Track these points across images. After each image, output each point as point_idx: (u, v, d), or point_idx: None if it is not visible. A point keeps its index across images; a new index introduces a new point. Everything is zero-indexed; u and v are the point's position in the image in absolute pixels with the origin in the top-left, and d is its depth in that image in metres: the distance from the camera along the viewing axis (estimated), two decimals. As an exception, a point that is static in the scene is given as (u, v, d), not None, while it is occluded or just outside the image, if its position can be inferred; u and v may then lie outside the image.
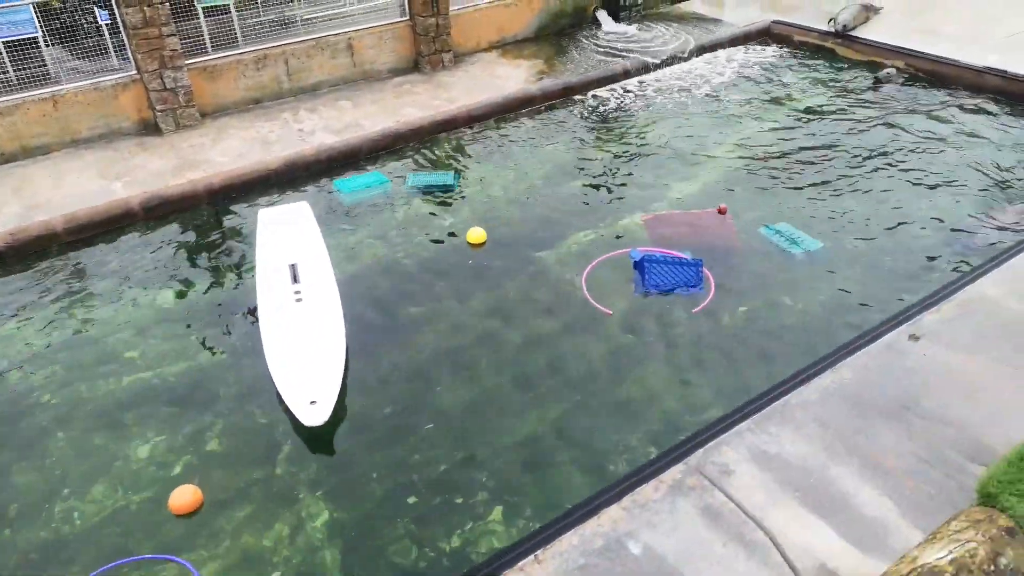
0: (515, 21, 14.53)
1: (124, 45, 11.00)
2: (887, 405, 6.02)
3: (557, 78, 13.13)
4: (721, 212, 9.59)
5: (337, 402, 6.37)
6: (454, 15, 13.69)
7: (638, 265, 8.07)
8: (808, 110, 12.29)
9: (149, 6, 10.56)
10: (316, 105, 12.23)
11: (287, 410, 6.42)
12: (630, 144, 11.59)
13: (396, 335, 7.74)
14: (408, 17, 13.24)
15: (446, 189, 10.45)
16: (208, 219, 9.86)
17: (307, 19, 13.45)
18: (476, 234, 9.00)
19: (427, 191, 10.45)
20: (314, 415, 6.14)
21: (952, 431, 5.74)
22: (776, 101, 12.72)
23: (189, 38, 11.81)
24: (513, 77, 13.16)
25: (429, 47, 13.32)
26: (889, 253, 8.54)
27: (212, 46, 12.00)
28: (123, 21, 10.67)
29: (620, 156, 11.26)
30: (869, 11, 14.78)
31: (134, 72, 11.04)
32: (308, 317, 7.35)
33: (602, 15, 15.43)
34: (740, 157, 10.98)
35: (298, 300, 7.59)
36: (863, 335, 6.87)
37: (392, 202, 10.23)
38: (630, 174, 10.75)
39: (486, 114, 12.21)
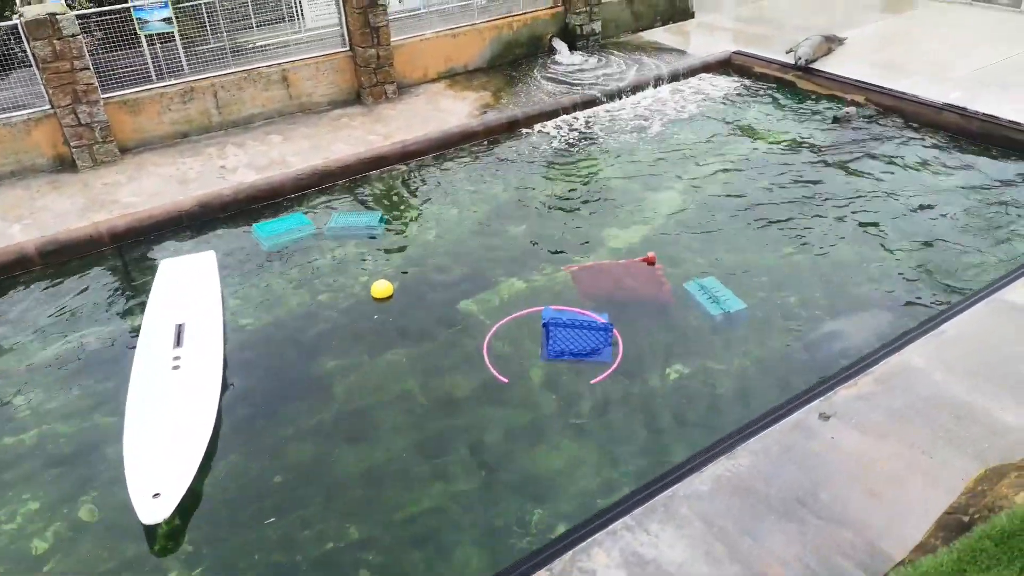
0: (464, 51, 14.07)
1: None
2: (782, 499, 5.45)
3: (502, 111, 12.65)
4: (649, 262, 9.05)
5: (208, 479, 5.85)
6: (398, 45, 13.24)
7: (545, 327, 7.53)
8: (763, 149, 11.74)
9: (59, 39, 10.11)
10: (245, 139, 11.76)
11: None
12: (575, 183, 11.05)
13: (294, 398, 7.23)
14: (348, 48, 12.79)
15: (371, 232, 9.95)
16: (111, 266, 9.36)
17: (256, 47, 13.07)
18: (381, 288, 8.47)
19: (351, 234, 9.95)
20: (154, 511, 5.57)
21: (848, 534, 5.16)
22: (731, 138, 12.18)
23: (132, 68, 11.46)
24: (456, 110, 12.68)
25: (370, 79, 12.86)
26: (818, 316, 7.95)
27: (156, 75, 11.62)
28: (33, 55, 10.22)
29: (564, 196, 10.72)
30: (832, 43, 14.29)
31: (47, 107, 10.60)
32: (179, 390, 6.82)
33: (558, 44, 14.97)
34: (688, 200, 10.44)
35: (175, 368, 7.07)
36: (769, 413, 6.30)
37: (313, 247, 9.72)
38: (572, 217, 10.21)
39: (422, 150, 11.72)
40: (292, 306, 8.62)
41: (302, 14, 13.61)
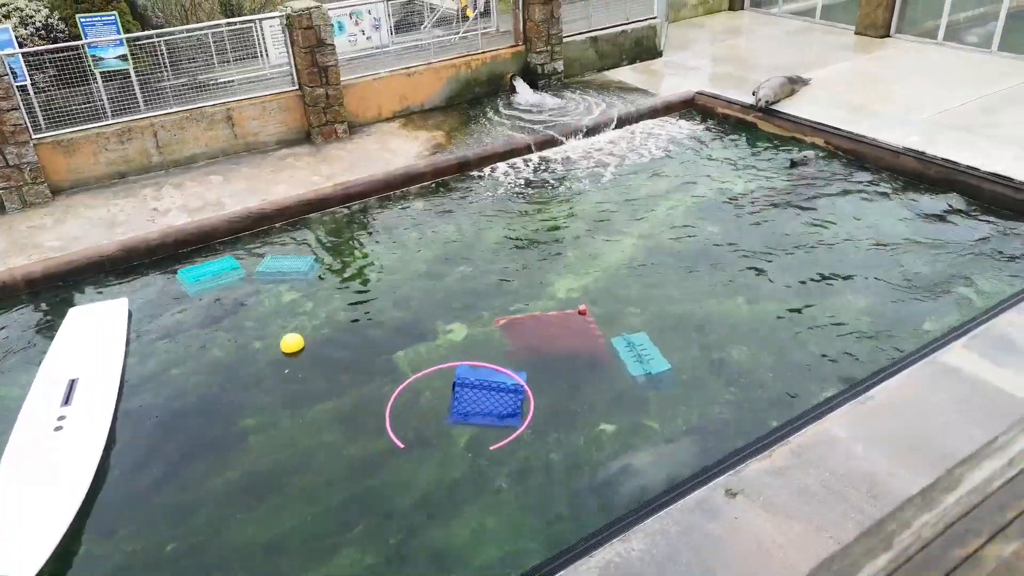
0: (420, 90, 13.85)
1: None
2: (671, 592, 4.99)
3: (452, 152, 12.37)
4: (582, 314, 8.66)
5: (81, 555, 5.43)
6: (350, 84, 13.03)
7: (454, 387, 7.12)
8: (720, 194, 11.37)
9: (-15, 80, 9.91)
10: (185, 180, 11.49)
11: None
12: (525, 228, 10.69)
13: (195, 458, 6.83)
14: (297, 87, 12.58)
15: (303, 277, 9.61)
16: (22, 315, 9.01)
17: (218, 84, 12.90)
18: (291, 342, 8.08)
19: (283, 279, 9.61)
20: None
21: (736, 634, 4.70)
22: (687, 182, 11.82)
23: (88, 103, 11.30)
24: (405, 151, 12.41)
25: (320, 118, 12.62)
26: (751, 377, 7.50)
27: (112, 112, 11.44)
28: (-42, 95, 10.03)
29: (512, 241, 10.36)
30: (795, 84, 14.02)
31: (-25, 147, 10.37)
32: (56, 454, 6.42)
33: (519, 83, 14.75)
34: (639, 247, 10.05)
35: (57, 429, 6.68)
36: (672, 489, 5.85)
37: (240, 293, 9.37)
38: (520, 263, 9.84)
39: (365, 192, 11.42)
40: (206, 357, 8.24)
41: (266, 51, 13.46)
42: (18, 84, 11.27)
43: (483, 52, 14.40)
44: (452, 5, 16.10)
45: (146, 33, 12.81)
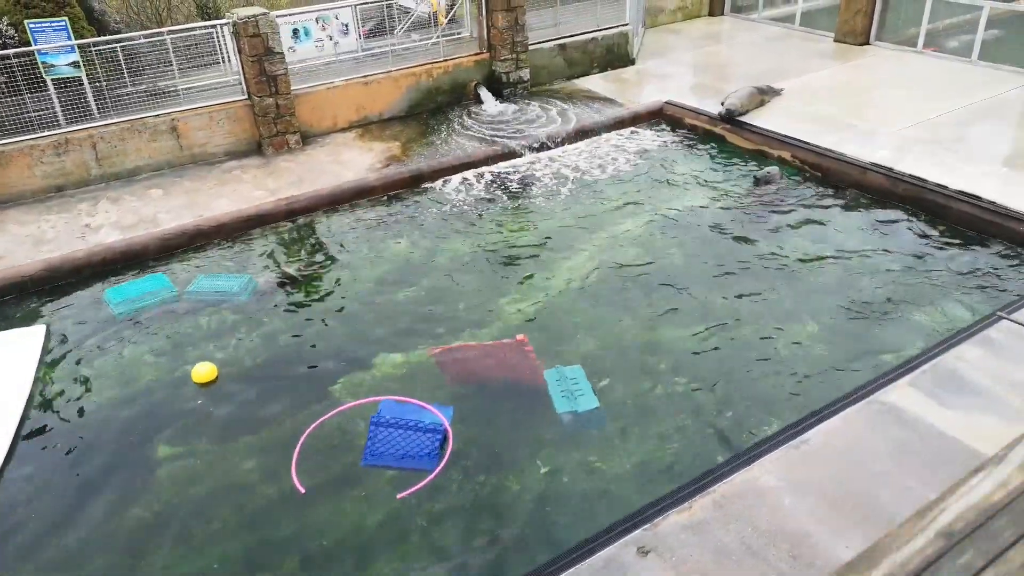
0: (378, 99, 13.43)
1: None
2: (563, 667, 4.57)
3: (406, 165, 11.95)
4: (520, 342, 8.23)
5: None
6: (305, 94, 12.62)
7: (370, 425, 6.70)
8: (682, 209, 10.91)
9: (-95, 91, 9.51)
10: (123, 194, 11.08)
11: None
12: (479, 245, 10.25)
13: (97, 495, 6.44)
14: (247, 96, 12.16)
15: (237, 298, 9.20)
16: (-67, 338, 8.62)
17: (177, 91, 12.51)
18: (203, 372, 7.66)
19: (215, 299, 9.20)
20: None
21: None
22: (650, 197, 11.36)
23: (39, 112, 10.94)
24: (358, 163, 11.99)
25: (270, 129, 12.21)
26: (686, 416, 7.04)
27: (65, 119, 11.07)
28: None
29: (463, 259, 9.94)
30: (765, 94, 13.58)
31: (-102, 161, 9.98)
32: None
33: (483, 92, 14.33)
34: (595, 266, 9.61)
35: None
36: (580, 546, 5.42)
37: (169, 314, 8.96)
38: (471, 283, 9.42)
39: (310, 207, 11.00)
40: (122, 384, 7.83)
41: (228, 58, 13.06)
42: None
43: (445, 60, 13.98)
44: (426, 9, 15.68)
45: (96, 40, 12.39)
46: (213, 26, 11.99)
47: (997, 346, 7.12)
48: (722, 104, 13.12)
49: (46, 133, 10.89)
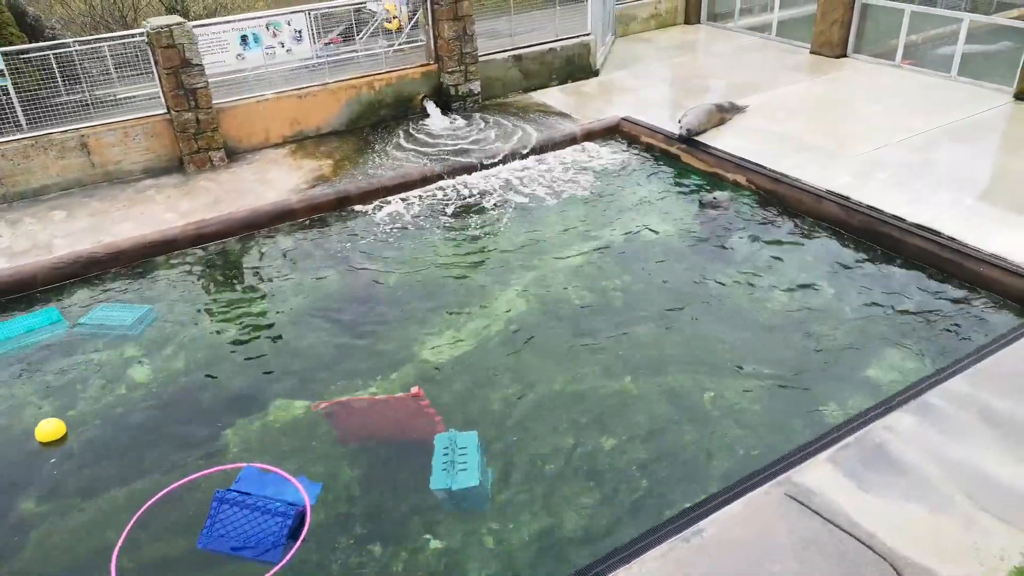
0: (314, 113, 12.67)
1: None
2: None
3: (333, 186, 11.18)
4: (416, 396, 7.44)
5: None
6: (231, 107, 11.88)
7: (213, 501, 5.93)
8: (627, 237, 10.10)
9: None
10: (23, 216, 10.36)
11: None
12: (406, 275, 9.51)
13: None
14: (166, 111, 11.42)
15: (133, 331, 8.47)
16: None
17: (117, 100, 11.83)
18: (48, 429, 6.90)
19: (110, 332, 8.47)
20: None
21: None
22: (596, 223, 10.52)
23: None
24: (282, 183, 11.23)
25: (190, 145, 11.47)
26: (581, 496, 6.26)
27: None
28: None
29: (385, 291, 9.23)
30: (727, 112, 12.75)
31: None
32: None
33: (430, 106, 13.55)
34: (530, 301, 8.86)
35: None
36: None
37: (58, 350, 8.26)
38: (391, 319, 8.70)
39: (222, 232, 10.25)
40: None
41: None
42: None
43: (388, 72, 13.20)
44: (385, 15, 14.91)
45: (14, 48, 11.69)
46: (129, 36, 11.22)
47: (934, 414, 6.30)
48: (679, 123, 12.31)
49: (-62, 150, 10.18)
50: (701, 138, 12.14)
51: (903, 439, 6.04)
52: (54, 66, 11.27)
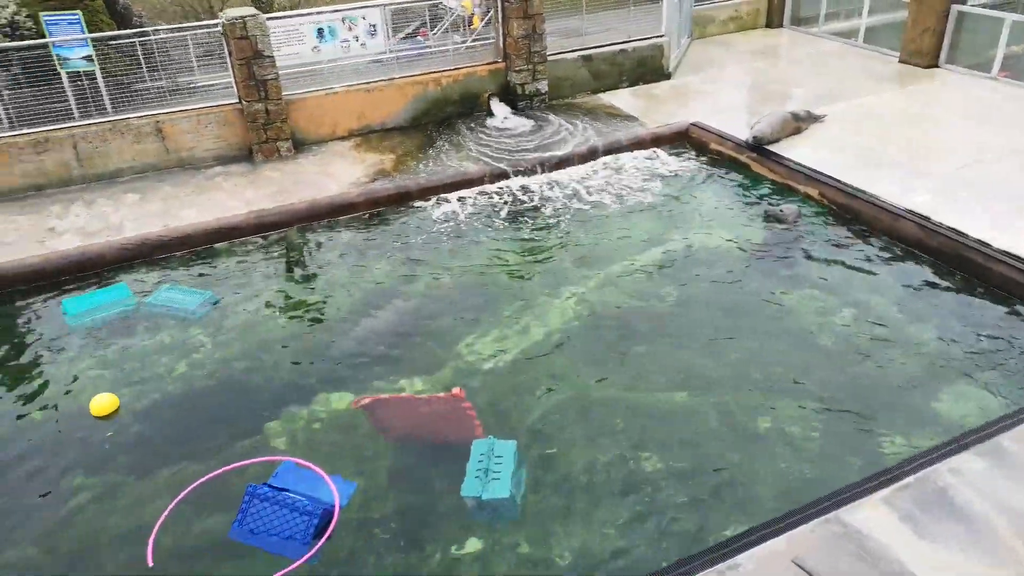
0: (381, 108, 12.76)
1: None
2: None
3: (393, 181, 11.22)
4: (457, 397, 7.37)
5: None
6: (300, 99, 12.07)
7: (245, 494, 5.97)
8: (688, 248, 9.75)
9: None
10: (99, 197, 10.76)
11: None
12: (460, 274, 9.45)
13: None
14: (238, 100, 11.68)
15: (195, 313, 8.69)
16: None
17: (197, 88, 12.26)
18: (102, 403, 7.11)
19: (172, 313, 8.72)
20: None
21: None
22: (657, 231, 10.18)
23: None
24: (344, 176, 11.33)
25: (260, 135, 11.70)
26: (619, 514, 6.02)
27: (79, 114, 10.95)
28: None
29: (438, 288, 9.18)
30: (803, 121, 12.21)
31: None
32: None
33: (496, 104, 13.46)
34: (582, 309, 8.65)
35: None
36: None
37: (124, 327, 8.56)
38: (441, 317, 8.65)
39: (281, 222, 10.41)
40: (49, 407, 7.37)
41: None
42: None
43: (455, 69, 13.18)
44: (462, 11, 14.92)
45: (108, 34, 12.18)
46: (206, 26, 11.53)
47: (1008, 460, 5.82)
48: (750, 129, 11.86)
49: (23, 131, 10.66)
50: (774, 148, 11.66)
51: (970, 484, 5.59)
52: (139, 53, 11.71)
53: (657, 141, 12.79)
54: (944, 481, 5.65)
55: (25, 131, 10.69)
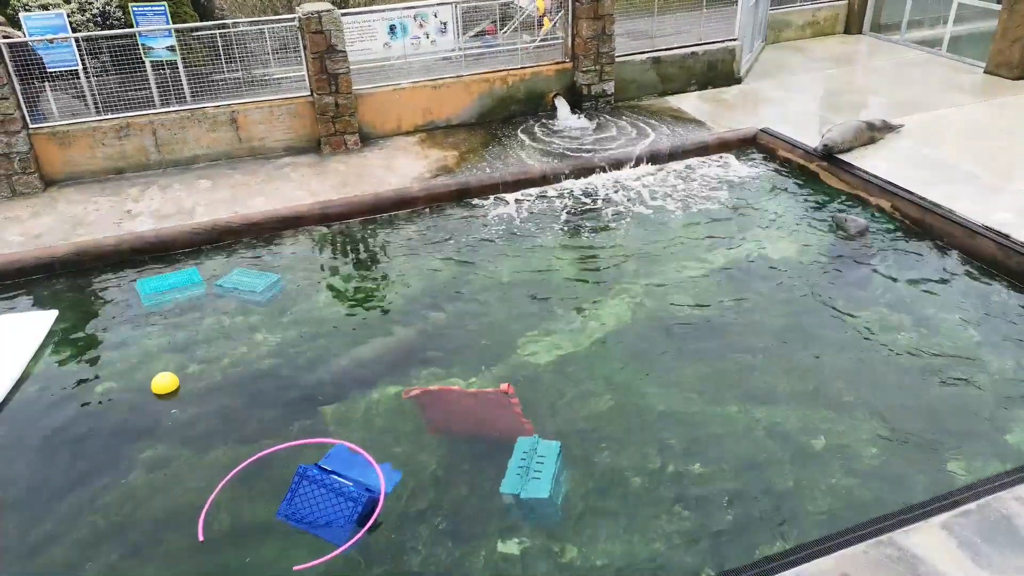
0: (447, 104, 12.89)
1: None
2: None
3: (454, 177, 11.33)
4: (506, 393, 7.38)
5: None
6: (368, 94, 12.30)
7: (296, 477, 6.11)
8: (751, 257, 9.56)
9: (-25, 68, 9.96)
10: (174, 182, 11.19)
11: None
12: (516, 273, 9.46)
13: (55, 498, 6.32)
14: (310, 93, 11.98)
15: (262, 297, 8.98)
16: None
17: (271, 80, 12.68)
18: (163, 382, 7.39)
19: (241, 297, 9.03)
20: None
21: None
22: (719, 237, 10.02)
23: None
24: (407, 171, 11.50)
25: (328, 128, 11.97)
26: (662, 525, 5.94)
27: (161, 102, 11.50)
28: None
29: (496, 286, 9.20)
30: (878, 131, 11.80)
31: (-34, 134, 10.51)
32: None
33: (561, 104, 13.45)
34: (639, 312, 8.58)
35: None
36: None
37: (195, 309, 8.86)
38: (496, 314, 8.70)
39: (346, 213, 10.62)
40: (117, 380, 7.72)
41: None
42: (70, 68, 11.44)
43: (522, 68, 13.21)
44: (534, 11, 14.98)
45: (191, 25, 12.69)
46: (283, 20, 11.87)
47: (1079, 492, 5.52)
48: (821, 137, 11.54)
49: (107, 117, 11.16)
50: (846, 157, 11.31)
51: (1037, 515, 5.33)
52: (219, 44, 12.15)
53: (724, 146, 12.57)
54: (1009, 510, 5.39)
55: (109, 117, 11.18)
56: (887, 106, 13.14)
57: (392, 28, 13.40)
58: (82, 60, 11.28)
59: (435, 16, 13.58)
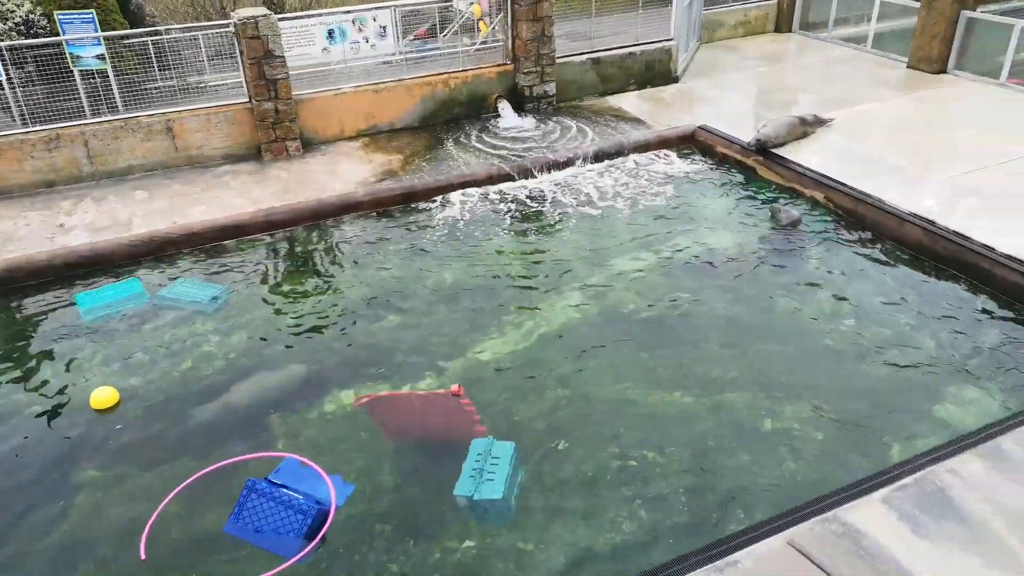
0: (389, 108, 12.84)
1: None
2: None
3: (399, 180, 11.29)
4: (455, 394, 7.41)
5: None
6: (308, 99, 12.16)
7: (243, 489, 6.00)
8: (693, 249, 9.77)
9: None
10: (109, 194, 10.87)
11: None
12: (462, 273, 9.49)
13: None
14: (248, 100, 11.79)
15: (207, 308, 8.77)
16: None
17: (207, 87, 12.39)
18: (102, 396, 7.19)
19: (184, 307, 8.80)
20: None
21: None
22: (660, 233, 10.21)
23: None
24: (351, 176, 11.41)
25: (269, 134, 11.80)
26: (619, 511, 6.08)
27: (91, 112, 11.09)
28: None
29: (444, 288, 9.22)
30: (809, 125, 12.22)
31: None
32: None
33: (504, 106, 13.53)
34: (586, 310, 8.69)
35: None
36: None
37: (138, 321, 8.60)
38: (445, 317, 8.70)
39: (289, 220, 10.48)
40: (55, 400, 7.46)
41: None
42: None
43: (463, 70, 13.26)
44: (469, 13, 15.00)
45: (121, 33, 12.32)
46: (218, 26, 11.65)
47: (1007, 462, 5.82)
48: (756, 132, 11.89)
49: (34, 128, 10.78)
50: (780, 151, 11.68)
51: (968, 485, 5.60)
52: (151, 52, 11.85)
53: (664, 143, 12.83)
54: (943, 482, 5.66)
55: (37, 128, 10.80)
56: (817, 102, 13.61)
57: (331, 33, 13.28)
58: (6, 70, 10.87)
59: (374, 20, 13.51)
